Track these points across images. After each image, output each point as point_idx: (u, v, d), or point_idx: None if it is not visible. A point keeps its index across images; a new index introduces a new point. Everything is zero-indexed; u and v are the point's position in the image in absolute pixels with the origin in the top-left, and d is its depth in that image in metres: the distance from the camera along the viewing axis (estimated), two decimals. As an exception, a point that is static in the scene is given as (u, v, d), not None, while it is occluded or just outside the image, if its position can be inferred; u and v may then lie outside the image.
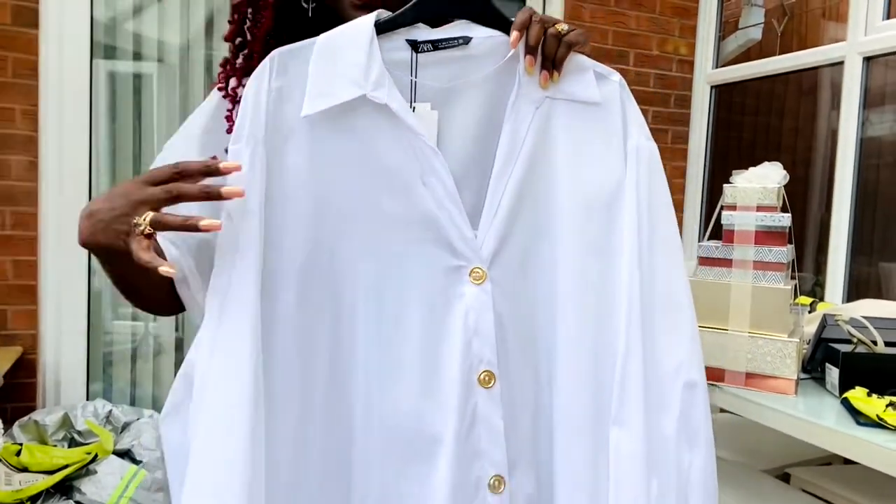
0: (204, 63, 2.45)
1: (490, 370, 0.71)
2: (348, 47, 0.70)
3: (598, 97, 0.76)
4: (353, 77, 0.69)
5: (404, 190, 0.71)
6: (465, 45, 0.73)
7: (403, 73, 0.72)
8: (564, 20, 0.85)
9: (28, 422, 2.01)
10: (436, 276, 0.71)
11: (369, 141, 0.70)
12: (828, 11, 3.07)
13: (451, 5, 0.72)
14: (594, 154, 0.77)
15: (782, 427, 1.47)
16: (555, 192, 0.75)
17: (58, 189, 2.22)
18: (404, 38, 0.72)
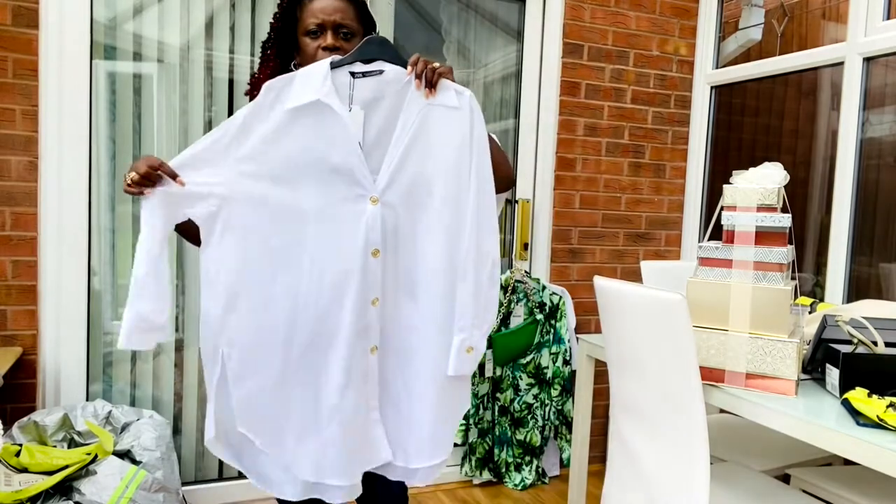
0: (204, 63, 2.45)
1: (377, 248, 1.33)
2: (314, 75, 1.30)
3: (456, 104, 1.34)
4: (315, 89, 1.29)
5: (336, 147, 1.30)
6: (380, 74, 1.33)
7: (346, 89, 1.33)
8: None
9: (28, 422, 2.01)
10: (352, 199, 1.32)
11: (322, 123, 1.29)
12: (828, 12, 3.07)
13: (375, 53, 1.33)
14: (453, 137, 1.34)
15: (782, 427, 1.47)
16: (427, 158, 1.34)
17: (58, 189, 2.22)
18: (348, 70, 1.32)
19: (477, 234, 1.35)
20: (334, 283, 1.31)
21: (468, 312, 1.35)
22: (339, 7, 1.41)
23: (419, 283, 1.36)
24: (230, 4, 2.47)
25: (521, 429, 2.88)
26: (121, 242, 2.41)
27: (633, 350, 1.67)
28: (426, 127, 1.32)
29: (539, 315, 2.87)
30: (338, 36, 1.41)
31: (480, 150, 1.35)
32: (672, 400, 1.58)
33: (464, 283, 1.35)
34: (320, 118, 1.28)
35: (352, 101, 1.32)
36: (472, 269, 1.35)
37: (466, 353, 1.36)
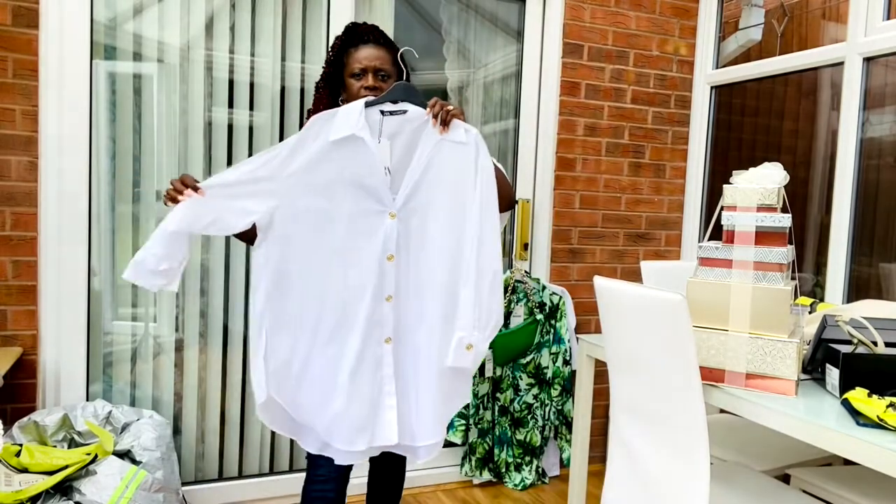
0: (204, 63, 2.45)
1: (392, 254, 1.59)
2: (351, 113, 1.57)
3: (464, 140, 1.61)
4: (351, 125, 1.55)
5: (367, 174, 1.57)
6: (404, 113, 1.60)
7: (376, 125, 1.60)
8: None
9: (28, 422, 2.01)
10: (375, 213, 1.58)
11: (356, 151, 1.57)
12: (828, 12, 3.07)
13: (401, 96, 1.61)
14: (461, 168, 1.61)
15: (782, 428, 1.47)
16: (437, 183, 1.60)
17: (58, 189, 2.22)
18: (378, 109, 1.60)
19: (478, 249, 1.59)
20: (356, 281, 1.58)
21: (469, 315, 1.59)
22: (378, 55, 1.75)
23: (426, 286, 1.62)
24: (230, 4, 2.47)
25: (521, 429, 2.88)
26: (121, 242, 2.41)
27: (633, 350, 1.67)
28: (438, 158, 1.61)
29: (539, 315, 2.87)
30: (377, 78, 1.74)
31: (485, 178, 1.61)
32: (672, 400, 1.58)
33: (465, 289, 1.60)
34: (355, 147, 1.56)
35: (381, 135, 1.61)
36: (474, 280, 1.59)
37: (465, 350, 1.59)
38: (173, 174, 2.43)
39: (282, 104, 2.57)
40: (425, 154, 1.59)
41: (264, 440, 2.65)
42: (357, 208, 1.57)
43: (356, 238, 1.57)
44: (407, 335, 1.62)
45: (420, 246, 1.61)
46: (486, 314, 1.59)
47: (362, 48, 1.75)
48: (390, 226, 1.58)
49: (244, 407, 2.61)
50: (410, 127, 1.61)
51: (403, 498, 2.73)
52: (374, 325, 1.59)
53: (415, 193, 1.59)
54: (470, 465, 2.85)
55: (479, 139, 1.62)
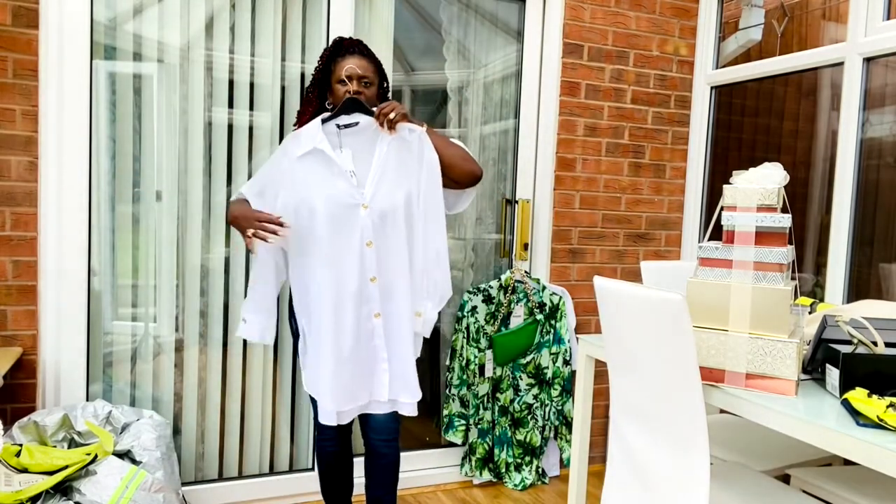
0: (204, 63, 2.45)
1: (370, 240, 1.91)
2: (311, 129, 1.94)
3: (410, 139, 1.96)
4: (312, 140, 1.93)
5: (334, 177, 1.91)
6: (356, 124, 1.94)
7: (334, 136, 1.96)
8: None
9: (28, 422, 2.00)
10: (351, 206, 1.90)
11: (322, 161, 1.92)
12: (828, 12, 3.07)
13: (350, 110, 1.95)
14: (410, 162, 1.97)
15: (782, 428, 1.47)
16: (395, 177, 1.94)
17: (58, 189, 2.22)
18: (335, 123, 1.96)
19: (424, 231, 1.97)
20: (345, 267, 1.91)
21: (418, 288, 1.99)
22: (362, 65, 2.02)
23: (398, 266, 1.95)
24: (230, 4, 2.47)
25: (521, 429, 2.88)
26: (121, 242, 2.41)
27: (633, 350, 1.67)
28: (392, 155, 1.95)
29: (539, 315, 2.87)
30: (360, 84, 2.01)
31: (429, 168, 1.97)
32: (672, 400, 1.58)
33: (415, 268, 1.98)
34: (320, 158, 1.92)
35: (341, 146, 1.96)
36: (421, 258, 1.98)
37: (416, 317, 1.99)
38: (173, 174, 2.43)
39: (282, 104, 2.57)
40: (382, 152, 1.93)
41: (264, 440, 2.65)
42: (337, 206, 1.89)
43: (340, 230, 1.90)
44: (389, 307, 1.96)
45: (390, 233, 1.93)
46: (432, 286, 1.98)
47: (348, 58, 2.01)
48: (365, 216, 1.90)
49: (244, 407, 2.61)
50: (365, 134, 1.94)
51: (404, 498, 2.73)
52: (364, 303, 1.93)
53: (379, 186, 1.92)
54: (470, 465, 2.85)
55: (423, 136, 1.96)
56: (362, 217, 1.90)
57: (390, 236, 1.93)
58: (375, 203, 1.90)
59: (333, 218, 1.88)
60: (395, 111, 1.91)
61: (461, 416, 2.81)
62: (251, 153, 2.54)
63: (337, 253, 1.89)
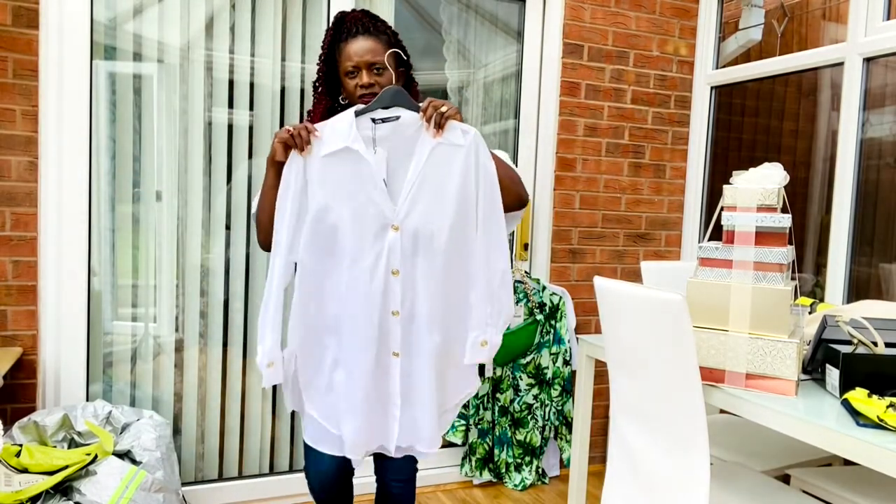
0: (204, 63, 2.45)
1: (396, 269, 1.54)
2: (341, 124, 1.53)
3: (462, 142, 1.55)
4: (343, 137, 1.51)
5: (364, 185, 1.52)
6: (397, 119, 1.54)
7: (369, 133, 1.54)
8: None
9: (28, 423, 2.00)
10: (379, 227, 1.53)
11: (352, 164, 1.52)
12: (828, 12, 3.07)
13: (391, 102, 1.54)
14: (460, 172, 1.55)
15: (782, 428, 1.47)
16: (438, 191, 1.54)
17: (58, 189, 2.22)
18: (370, 118, 1.54)
19: (486, 251, 1.58)
20: (364, 298, 1.55)
21: (481, 313, 1.60)
22: (369, 48, 1.63)
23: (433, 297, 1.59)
24: (230, 4, 2.47)
25: (521, 429, 2.88)
26: (121, 242, 2.41)
27: (633, 350, 1.67)
28: (435, 164, 1.54)
29: (539, 315, 2.87)
30: (371, 72, 1.63)
31: (487, 180, 1.57)
32: (672, 400, 1.58)
33: (475, 291, 1.60)
34: (350, 161, 1.52)
35: (375, 144, 1.54)
36: (483, 280, 1.59)
37: (480, 347, 1.62)
38: (173, 174, 2.43)
39: (282, 104, 2.57)
40: (422, 161, 1.52)
41: (264, 440, 2.65)
42: (361, 223, 1.53)
43: (362, 254, 1.54)
44: (413, 347, 1.60)
45: (425, 257, 1.56)
46: (496, 309, 1.61)
47: (352, 42, 1.63)
48: (393, 239, 1.53)
49: (244, 407, 2.61)
50: (404, 134, 1.54)
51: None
52: (382, 341, 1.57)
53: (416, 203, 1.53)
54: (470, 465, 2.85)
55: (479, 139, 1.56)
56: (390, 240, 1.53)
57: (420, 264, 1.56)
58: (409, 223, 1.53)
59: (357, 237, 1.53)
60: (446, 106, 1.53)
61: (461, 416, 2.81)
62: (251, 153, 2.54)
63: (355, 280, 1.54)
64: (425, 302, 1.58)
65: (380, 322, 1.56)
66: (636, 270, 3.09)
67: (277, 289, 1.54)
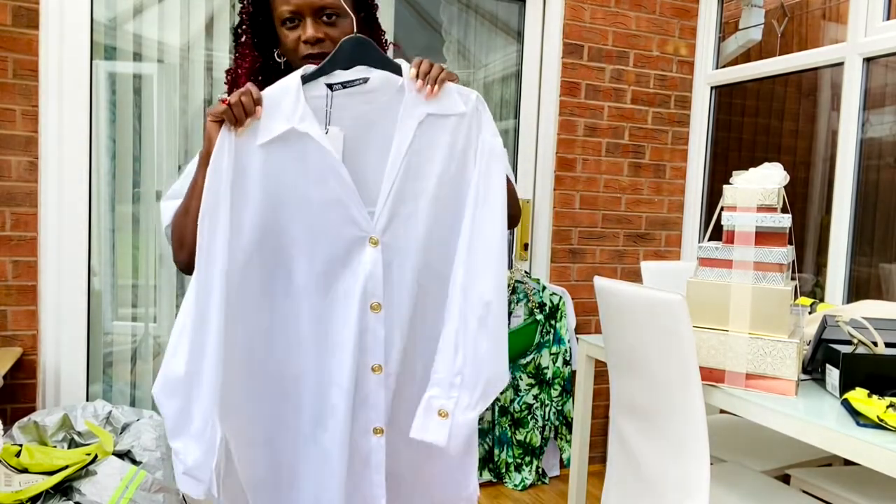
0: (204, 63, 2.45)
1: (378, 301, 1.07)
2: (283, 96, 1.03)
3: (463, 108, 1.10)
4: (286, 115, 1.02)
5: (323, 183, 1.04)
6: (364, 83, 1.06)
7: (321, 104, 1.06)
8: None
9: (28, 423, 2.00)
10: (348, 241, 1.06)
11: (300, 154, 1.03)
12: (828, 12, 3.07)
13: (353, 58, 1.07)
14: (458, 151, 1.10)
15: (782, 428, 1.47)
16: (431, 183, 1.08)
17: (58, 189, 2.22)
18: (324, 83, 1.06)
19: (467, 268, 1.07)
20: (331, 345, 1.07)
21: (447, 363, 1.06)
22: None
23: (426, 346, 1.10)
24: (230, 5, 2.47)
25: (521, 429, 2.88)
26: (121, 242, 2.41)
27: (633, 350, 1.67)
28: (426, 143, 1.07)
29: (539, 315, 2.87)
30: (319, 22, 1.12)
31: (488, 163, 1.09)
32: (672, 400, 1.58)
33: (446, 327, 1.07)
34: (299, 149, 1.02)
35: (329, 121, 1.04)
36: (457, 312, 1.07)
37: (437, 416, 1.05)
38: (173, 174, 2.43)
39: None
40: (406, 141, 1.06)
41: (264, 440, 2.65)
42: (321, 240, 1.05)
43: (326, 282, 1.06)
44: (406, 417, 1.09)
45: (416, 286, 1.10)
46: (472, 364, 1.06)
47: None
48: (373, 258, 1.06)
49: (244, 407, 2.61)
50: (375, 103, 1.07)
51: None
52: (359, 409, 1.08)
53: (400, 203, 1.07)
54: (470, 465, 2.85)
55: (482, 105, 1.12)
56: (367, 260, 1.06)
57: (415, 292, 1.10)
58: (393, 235, 1.07)
59: (316, 260, 1.06)
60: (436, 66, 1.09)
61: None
62: (251, 153, 2.54)
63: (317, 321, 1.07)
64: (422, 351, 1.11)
65: (355, 383, 1.07)
66: (636, 270, 3.09)
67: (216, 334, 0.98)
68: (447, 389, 1.06)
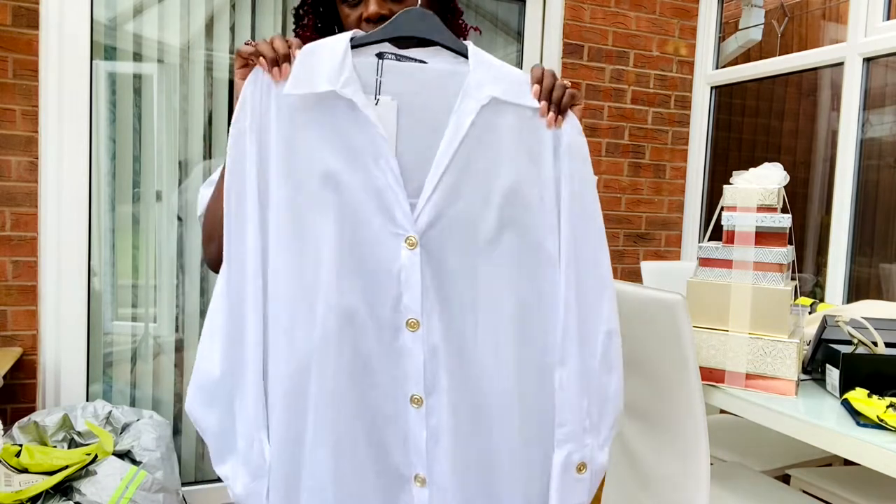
0: (204, 63, 2.45)
1: (415, 318, 0.89)
2: (328, 53, 0.88)
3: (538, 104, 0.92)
4: (328, 76, 0.86)
5: (363, 166, 0.87)
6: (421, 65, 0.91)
7: (371, 75, 0.90)
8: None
9: (28, 423, 2.00)
10: (381, 239, 0.88)
11: (338, 126, 0.87)
12: (828, 12, 3.07)
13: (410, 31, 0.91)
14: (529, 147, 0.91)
15: (782, 428, 1.47)
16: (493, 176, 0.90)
17: (58, 189, 2.22)
18: (374, 52, 0.91)
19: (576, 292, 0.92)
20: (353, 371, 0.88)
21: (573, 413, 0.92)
22: None
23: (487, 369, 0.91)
24: (230, 5, 2.47)
25: (521, 429, 2.87)
26: (121, 242, 2.41)
27: (633, 350, 1.67)
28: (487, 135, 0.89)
29: (539, 315, 2.86)
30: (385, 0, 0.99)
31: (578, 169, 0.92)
32: (672, 400, 1.58)
33: (563, 368, 0.92)
34: (337, 115, 0.87)
35: (379, 91, 0.89)
36: (575, 348, 0.92)
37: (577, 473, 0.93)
38: (173, 174, 2.43)
39: (282, 104, 2.57)
40: (462, 129, 0.88)
41: (264, 440, 2.64)
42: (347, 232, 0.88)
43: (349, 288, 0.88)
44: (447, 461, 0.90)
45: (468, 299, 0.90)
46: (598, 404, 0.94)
47: None
48: (410, 261, 0.88)
49: (244, 407, 2.61)
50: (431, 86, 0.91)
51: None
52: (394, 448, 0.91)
53: (451, 201, 0.89)
54: (470, 465, 2.84)
55: None
56: (404, 263, 0.88)
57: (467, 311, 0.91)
58: (438, 235, 0.89)
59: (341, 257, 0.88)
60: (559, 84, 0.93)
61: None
62: (251, 153, 2.54)
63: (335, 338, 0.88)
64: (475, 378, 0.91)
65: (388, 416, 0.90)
66: (636, 270, 3.09)
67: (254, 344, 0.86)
68: (580, 439, 0.93)
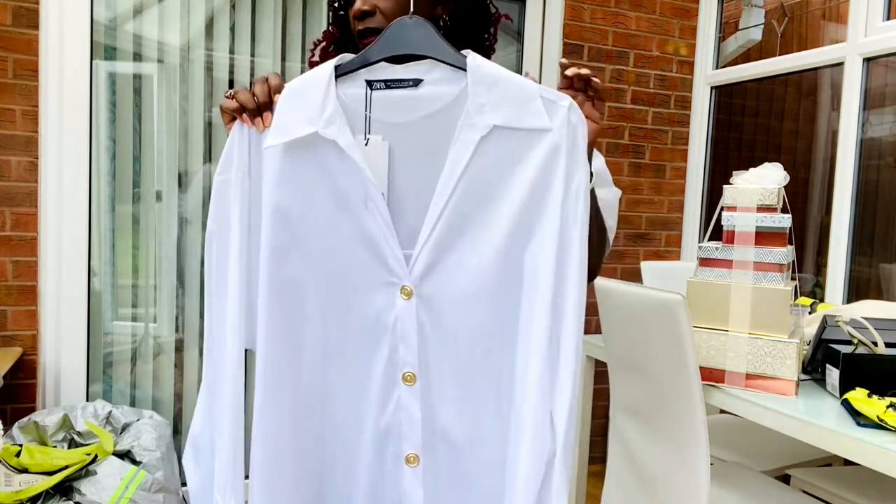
0: (204, 63, 2.45)
1: (411, 371, 0.84)
2: (309, 89, 0.81)
3: (548, 123, 0.80)
4: (309, 115, 0.80)
5: (351, 211, 0.82)
6: (415, 86, 0.82)
7: (359, 108, 0.83)
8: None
9: (28, 423, 2.00)
10: (374, 288, 0.84)
11: (327, 167, 0.81)
12: (828, 12, 3.07)
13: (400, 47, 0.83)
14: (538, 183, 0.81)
15: (782, 428, 1.47)
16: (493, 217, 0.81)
17: (58, 189, 2.22)
18: (364, 79, 0.83)
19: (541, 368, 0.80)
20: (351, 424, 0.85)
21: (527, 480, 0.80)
22: None
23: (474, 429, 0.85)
24: (230, 5, 2.47)
25: (521, 429, 2.87)
26: (121, 242, 2.41)
27: (633, 350, 1.67)
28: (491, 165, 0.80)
29: (539, 315, 2.86)
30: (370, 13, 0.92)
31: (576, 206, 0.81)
32: (672, 400, 1.58)
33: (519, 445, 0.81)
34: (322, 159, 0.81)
35: (369, 127, 0.82)
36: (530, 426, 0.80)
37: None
38: (173, 174, 2.43)
39: (282, 104, 2.57)
40: (462, 161, 0.80)
41: (264, 440, 2.64)
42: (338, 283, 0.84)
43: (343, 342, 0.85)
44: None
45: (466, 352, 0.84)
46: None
47: None
48: (405, 313, 0.83)
49: (244, 407, 2.61)
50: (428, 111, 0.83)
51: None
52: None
53: (446, 245, 0.82)
54: (470, 465, 2.84)
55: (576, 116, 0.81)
56: (399, 315, 0.84)
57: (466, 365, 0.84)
58: (433, 284, 0.83)
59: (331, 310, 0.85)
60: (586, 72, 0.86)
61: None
62: (251, 153, 2.54)
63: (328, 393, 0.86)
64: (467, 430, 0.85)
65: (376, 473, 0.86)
66: (636, 270, 3.09)
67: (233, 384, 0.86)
68: None
